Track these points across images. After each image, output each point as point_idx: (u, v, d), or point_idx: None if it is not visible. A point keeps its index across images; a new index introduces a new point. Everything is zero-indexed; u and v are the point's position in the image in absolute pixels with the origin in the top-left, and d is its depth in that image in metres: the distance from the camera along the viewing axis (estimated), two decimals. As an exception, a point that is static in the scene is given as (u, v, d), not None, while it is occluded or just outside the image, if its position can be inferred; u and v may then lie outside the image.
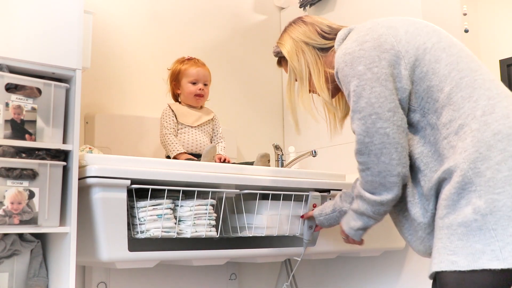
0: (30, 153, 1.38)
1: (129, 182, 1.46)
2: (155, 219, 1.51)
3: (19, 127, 1.37)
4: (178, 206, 1.57)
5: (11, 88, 1.38)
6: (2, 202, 1.32)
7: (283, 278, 2.39)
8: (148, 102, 2.32)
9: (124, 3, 2.33)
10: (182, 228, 1.57)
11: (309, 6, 2.66)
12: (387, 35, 1.35)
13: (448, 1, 2.29)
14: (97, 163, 1.45)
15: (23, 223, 1.34)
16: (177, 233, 1.55)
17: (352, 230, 1.47)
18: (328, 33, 1.54)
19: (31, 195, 1.36)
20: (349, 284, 2.39)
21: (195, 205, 1.57)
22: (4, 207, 1.32)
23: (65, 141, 1.44)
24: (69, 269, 1.39)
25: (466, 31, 2.52)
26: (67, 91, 1.46)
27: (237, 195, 1.72)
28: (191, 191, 1.58)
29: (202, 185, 1.61)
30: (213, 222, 1.62)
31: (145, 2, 2.39)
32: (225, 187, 1.67)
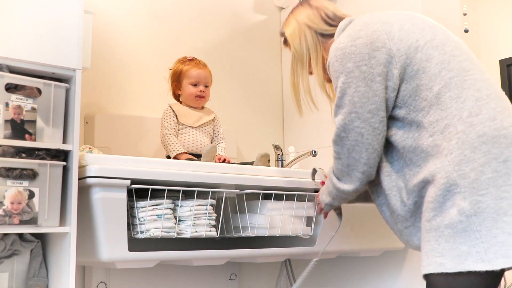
0: (30, 153, 1.38)
1: (129, 182, 1.46)
2: (155, 219, 1.52)
3: (19, 127, 1.37)
4: (178, 206, 1.57)
5: (11, 88, 1.38)
6: (2, 202, 1.32)
7: (283, 278, 2.38)
8: (148, 102, 2.32)
9: (124, 3, 2.33)
10: (182, 228, 1.57)
11: (309, 6, 2.65)
12: (381, 31, 1.36)
13: (448, 1, 2.29)
14: (97, 163, 1.45)
15: (23, 223, 1.34)
16: (177, 233, 1.55)
17: (323, 202, 1.58)
18: (331, 19, 1.56)
19: (31, 195, 1.36)
20: (349, 284, 2.39)
21: (195, 205, 1.57)
22: (4, 207, 1.32)
23: (65, 141, 1.44)
24: (69, 269, 1.39)
25: (466, 31, 2.53)
26: (67, 91, 1.46)
27: (239, 195, 1.72)
28: (191, 191, 1.58)
29: (202, 185, 1.61)
30: (213, 222, 1.62)
31: (145, 2, 2.39)
32: (225, 187, 1.67)
